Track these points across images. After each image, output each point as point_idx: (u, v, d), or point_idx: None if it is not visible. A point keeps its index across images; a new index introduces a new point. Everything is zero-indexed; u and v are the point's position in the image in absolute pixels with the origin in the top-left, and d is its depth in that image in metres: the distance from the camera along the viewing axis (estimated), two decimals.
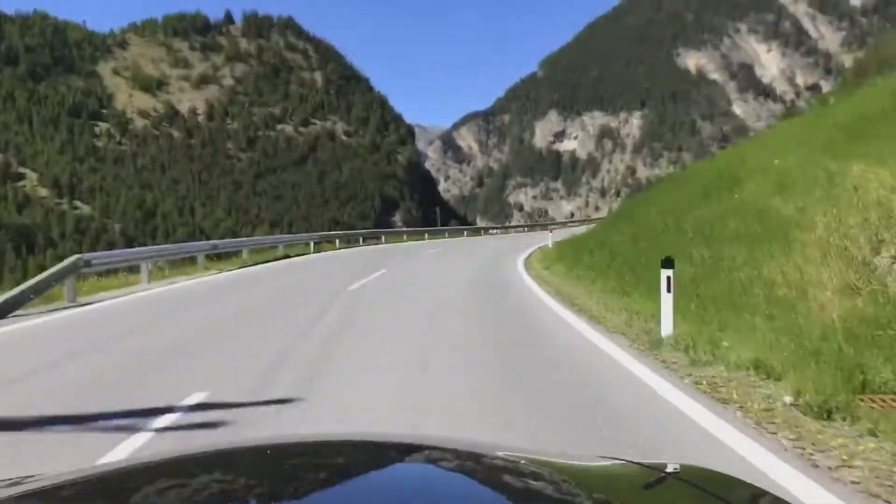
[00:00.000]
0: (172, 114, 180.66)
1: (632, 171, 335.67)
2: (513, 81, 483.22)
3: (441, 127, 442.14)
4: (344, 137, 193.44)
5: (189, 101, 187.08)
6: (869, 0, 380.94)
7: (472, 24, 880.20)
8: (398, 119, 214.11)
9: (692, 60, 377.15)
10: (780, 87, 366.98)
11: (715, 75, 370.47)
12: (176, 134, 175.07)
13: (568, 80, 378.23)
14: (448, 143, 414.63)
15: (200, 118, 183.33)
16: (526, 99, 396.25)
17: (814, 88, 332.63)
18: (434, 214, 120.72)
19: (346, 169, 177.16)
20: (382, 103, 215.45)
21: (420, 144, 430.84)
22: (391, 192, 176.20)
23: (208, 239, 52.97)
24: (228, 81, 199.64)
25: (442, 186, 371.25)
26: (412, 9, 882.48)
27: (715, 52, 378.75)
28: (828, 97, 36.28)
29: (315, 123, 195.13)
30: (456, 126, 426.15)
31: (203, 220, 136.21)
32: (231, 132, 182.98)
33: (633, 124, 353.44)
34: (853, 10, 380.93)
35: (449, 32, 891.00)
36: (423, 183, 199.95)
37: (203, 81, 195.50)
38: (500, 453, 1.59)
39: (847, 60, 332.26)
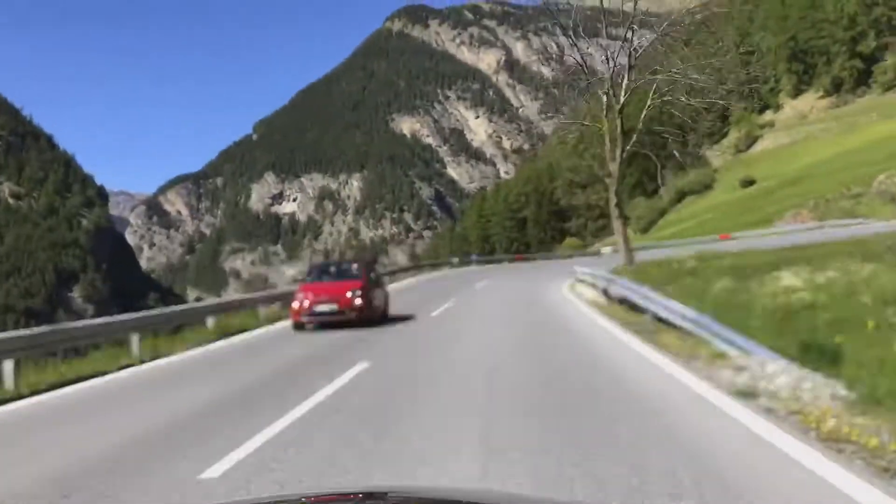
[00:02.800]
0: None
1: (355, 232, 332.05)
2: (226, 144, 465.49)
3: (148, 193, 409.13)
4: (11, 200, 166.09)
5: None
6: (558, 74, 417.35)
7: (184, 85, 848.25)
8: (85, 179, 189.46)
9: (407, 125, 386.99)
10: (489, 150, 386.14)
11: (429, 139, 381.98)
12: None
13: (285, 143, 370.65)
14: (154, 207, 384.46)
15: None
16: (241, 161, 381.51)
17: (519, 152, 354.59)
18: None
19: (10, 237, 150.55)
20: (67, 162, 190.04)
21: (124, 211, 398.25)
22: (71, 262, 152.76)
23: None
24: None
25: (147, 254, 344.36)
26: (114, 71, 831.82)
27: (427, 117, 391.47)
28: None
29: None
30: (163, 189, 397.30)
31: None
32: None
33: (353, 186, 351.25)
34: (546, 82, 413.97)
35: (157, 95, 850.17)
36: (116, 251, 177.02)
37: None
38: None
39: (545, 127, 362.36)
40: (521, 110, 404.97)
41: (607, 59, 32.01)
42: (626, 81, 29.87)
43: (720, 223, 60.60)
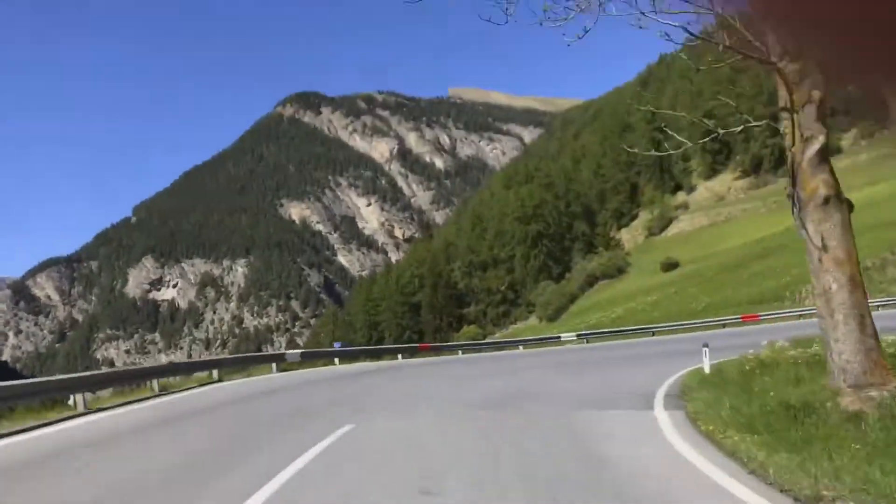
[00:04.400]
0: None
1: (239, 320, 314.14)
2: (102, 226, 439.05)
3: (15, 277, 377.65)
4: None
5: None
6: (451, 165, 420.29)
7: (56, 165, 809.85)
8: None
9: (296, 211, 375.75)
10: (381, 238, 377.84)
11: (319, 226, 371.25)
12: None
13: (166, 226, 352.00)
14: (21, 292, 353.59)
15: None
16: (118, 244, 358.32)
17: (410, 241, 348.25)
18: None
19: None
20: None
21: None
22: None
23: None
24: None
25: (12, 342, 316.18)
26: None
27: (318, 203, 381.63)
28: None
29: None
30: (32, 273, 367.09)
31: None
32: None
33: (237, 272, 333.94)
34: (439, 172, 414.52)
35: (25, 172, 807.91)
36: None
37: None
38: None
39: (437, 216, 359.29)
40: (413, 199, 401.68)
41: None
42: None
43: (671, 307, 51.17)
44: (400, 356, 34.09)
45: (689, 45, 10.96)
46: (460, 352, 37.57)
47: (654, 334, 35.18)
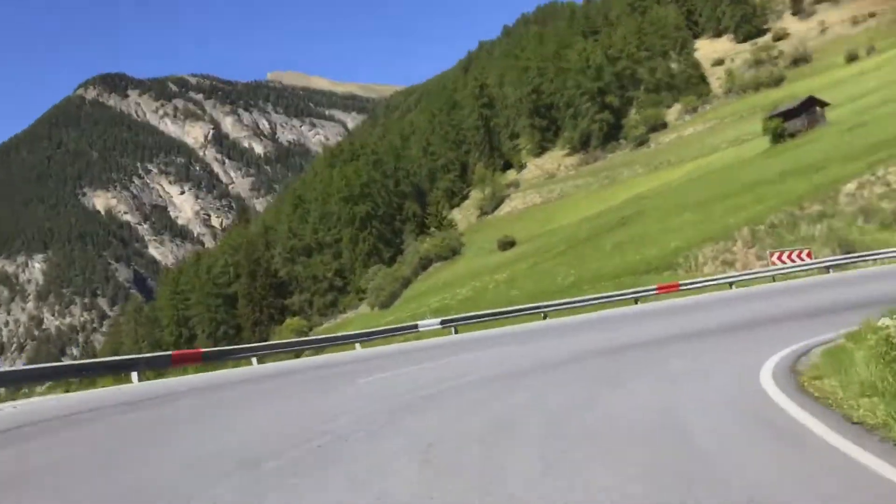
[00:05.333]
0: None
1: (38, 321, 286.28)
2: None
3: None
4: None
5: None
6: (271, 151, 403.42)
7: None
8: None
9: (100, 200, 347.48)
10: (197, 228, 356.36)
11: (127, 216, 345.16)
12: None
13: None
14: None
15: None
16: None
17: (222, 227, 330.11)
18: None
19: None
20: None
21: None
22: None
23: None
24: None
25: None
26: None
27: (125, 192, 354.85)
28: None
29: None
30: None
31: None
32: None
33: (34, 268, 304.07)
34: (258, 158, 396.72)
35: None
36: None
37: None
38: None
39: (258, 204, 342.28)
40: (231, 187, 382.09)
41: None
42: None
43: (531, 284, 44.29)
44: (136, 376, 18.30)
45: None
46: (254, 360, 21.98)
47: (545, 316, 27.40)
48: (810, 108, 67.38)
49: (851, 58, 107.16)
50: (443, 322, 26.76)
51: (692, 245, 33.61)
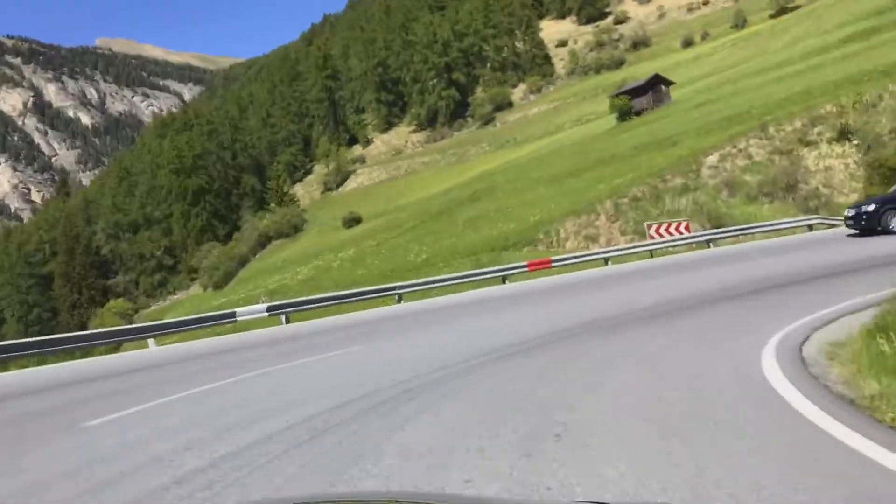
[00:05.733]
0: None
1: None
2: None
3: None
4: None
5: None
6: (100, 122, 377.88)
7: None
8: None
9: None
10: (15, 203, 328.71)
11: None
12: None
13: None
14: None
15: None
16: None
17: (43, 203, 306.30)
18: None
19: None
20: None
21: None
22: None
23: None
24: None
25: None
26: None
27: None
28: None
29: None
30: None
31: None
32: None
33: None
34: (85, 129, 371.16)
35: None
36: None
37: None
38: None
39: (84, 178, 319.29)
40: (54, 159, 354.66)
41: None
42: None
43: (379, 262, 40.76)
44: None
45: None
46: None
47: (400, 299, 23.36)
48: (656, 85, 67.81)
49: (687, 43, 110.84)
50: (270, 309, 21.93)
51: (553, 219, 31.35)
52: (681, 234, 26.12)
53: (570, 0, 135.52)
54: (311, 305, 22.22)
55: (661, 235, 26.00)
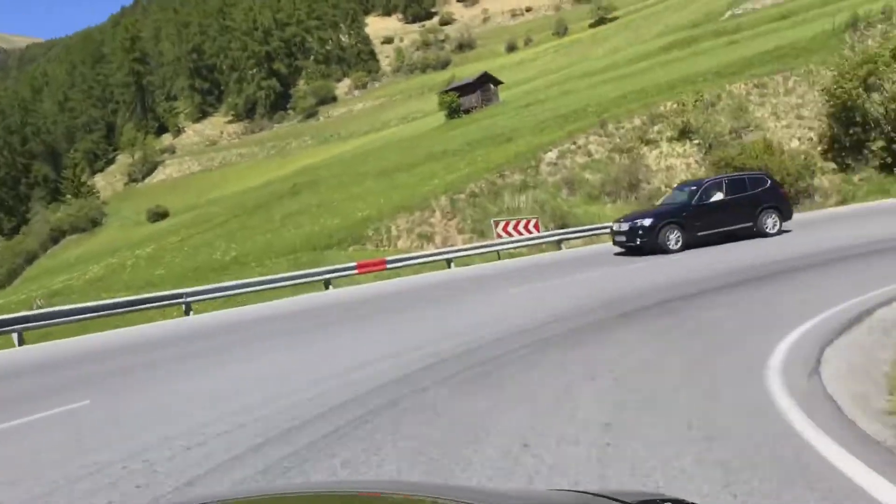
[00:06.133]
0: None
1: None
2: None
3: None
4: None
5: None
6: None
7: None
8: None
9: None
10: None
11: None
12: None
13: None
14: None
15: None
16: None
17: None
18: None
19: None
20: None
21: None
22: None
23: None
24: None
25: None
26: None
27: None
28: None
29: None
30: None
31: None
32: None
33: None
34: None
35: None
36: None
37: None
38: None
39: None
40: None
41: None
42: None
43: (181, 261, 35.89)
44: None
45: None
46: None
47: (191, 311, 18.47)
48: (485, 84, 66.97)
49: (511, 47, 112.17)
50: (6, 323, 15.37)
51: (383, 215, 28.35)
52: (530, 233, 23.99)
53: None
54: (63, 318, 16.21)
55: (508, 234, 23.71)
